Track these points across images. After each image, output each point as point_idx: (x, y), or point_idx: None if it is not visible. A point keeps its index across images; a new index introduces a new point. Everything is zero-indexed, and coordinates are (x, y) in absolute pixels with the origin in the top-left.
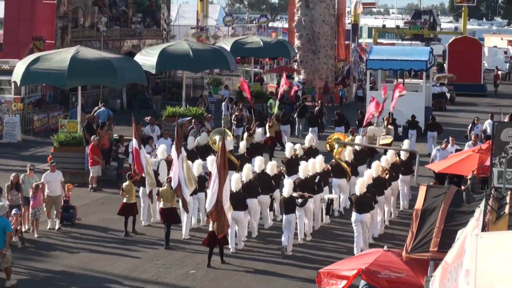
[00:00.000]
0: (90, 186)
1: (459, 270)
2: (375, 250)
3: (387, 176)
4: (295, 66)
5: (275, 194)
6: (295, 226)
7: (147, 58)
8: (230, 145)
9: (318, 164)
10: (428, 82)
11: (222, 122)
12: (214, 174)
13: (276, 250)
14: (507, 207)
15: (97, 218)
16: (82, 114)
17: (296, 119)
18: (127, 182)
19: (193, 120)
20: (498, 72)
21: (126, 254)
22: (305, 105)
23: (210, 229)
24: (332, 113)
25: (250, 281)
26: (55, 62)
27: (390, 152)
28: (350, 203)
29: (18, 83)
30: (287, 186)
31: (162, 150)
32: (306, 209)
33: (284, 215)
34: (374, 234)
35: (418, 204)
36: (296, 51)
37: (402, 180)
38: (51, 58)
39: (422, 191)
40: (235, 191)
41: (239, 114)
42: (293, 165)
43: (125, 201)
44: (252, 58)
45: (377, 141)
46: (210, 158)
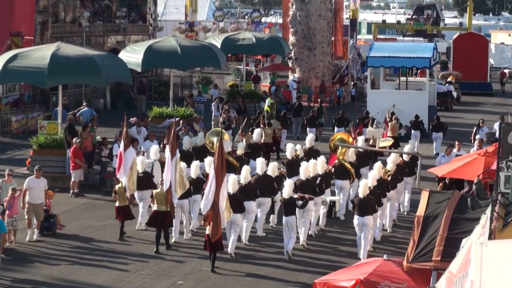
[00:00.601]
0: (71, 191)
1: (465, 281)
2: (375, 259)
3: (390, 178)
4: (290, 64)
5: (277, 197)
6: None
7: (132, 55)
8: (229, 146)
9: (319, 165)
10: (432, 80)
11: (212, 123)
12: (211, 175)
13: (273, 254)
14: None
15: (79, 225)
16: (66, 115)
17: (292, 119)
18: (120, 185)
19: (181, 121)
20: (505, 70)
21: (111, 264)
22: (300, 103)
23: (206, 232)
24: (330, 114)
25: (245, 286)
26: (34, 59)
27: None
28: (352, 206)
29: None
30: (287, 187)
31: (155, 151)
32: (307, 211)
33: (284, 217)
34: (376, 237)
35: (420, 210)
36: (290, 48)
37: (404, 181)
38: (30, 55)
39: (424, 197)
40: (232, 193)
41: (226, 116)
42: (294, 166)
43: (117, 204)
44: (244, 55)
45: (376, 143)
46: (208, 160)
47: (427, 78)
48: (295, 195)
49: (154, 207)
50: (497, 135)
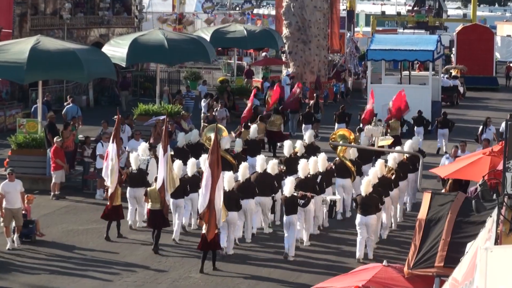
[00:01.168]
0: (52, 193)
1: None
2: (374, 265)
3: (393, 176)
4: (283, 58)
5: (277, 195)
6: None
7: (117, 49)
8: (227, 143)
9: (320, 163)
10: (437, 74)
11: (202, 122)
12: (207, 172)
13: (273, 254)
14: None
15: (60, 229)
16: (45, 113)
17: (289, 115)
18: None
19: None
20: (511, 64)
21: (94, 271)
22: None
23: (203, 231)
24: (327, 109)
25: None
26: (13, 53)
27: (397, 149)
28: (355, 204)
29: None
30: (289, 185)
31: (144, 148)
32: (307, 210)
33: (284, 216)
34: (382, 235)
35: (422, 213)
36: (284, 41)
37: (408, 179)
38: (8, 49)
39: (426, 199)
40: (228, 190)
41: (211, 115)
42: (292, 164)
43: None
44: (235, 49)
45: (375, 142)
46: (203, 157)
47: (430, 72)
48: (296, 194)
49: (148, 206)
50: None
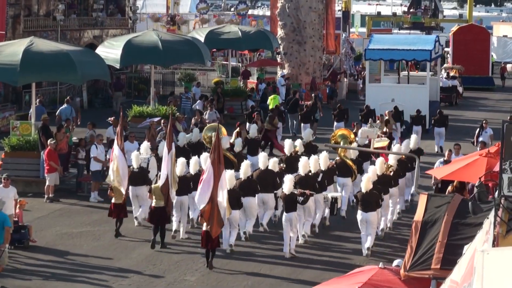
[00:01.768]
0: (46, 196)
1: None
2: (370, 268)
3: (392, 173)
4: (278, 59)
5: (278, 192)
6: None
7: (111, 51)
8: (227, 142)
9: (322, 161)
10: (435, 74)
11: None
12: (208, 170)
13: (274, 251)
14: None
15: (54, 232)
16: (44, 112)
17: (288, 115)
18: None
19: (162, 120)
20: (508, 64)
21: (88, 274)
22: (297, 99)
23: (203, 228)
24: (325, 110)
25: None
26: (6, 55)
27: (396, 147)
28: (355, 201)
29: None
30: (288, 182)
31: (145, 147)
32: (306, 207)
33: (284, 213)
34: (378, 233)
35: (418, 215)
36: (279, 42)
37: (407, 177)
38: (1, 51)
39: (422, 201)
40: (229, 189)
41: (198, 117)
42: (293, 162)
43: (113, 201)
44: (229, 50)
45: (370, 144)
46: (204, 155)
47: (428, 72)
48: (296, 191)
49: (152, 203)
50: None
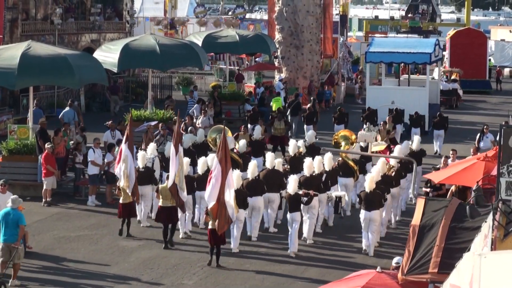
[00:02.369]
0: (43, 200)
1: None
2: (367, 272)
3: (394, 174)
4: (276, 63)
5: (283, 192)
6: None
7: (108, 55)
8: (231, 143)
9: (327, 162)
10: (436, 77)
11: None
12: (216, 169)
13: (278, 250)
14: None
15: (51, 236)
16: (42, 115)
17: (289, 118)
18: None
19: (160, 124)
20: (503, 69)
21: (85, 279)
22: (298, 102)
23: (210, 227)
24: (323, 114)
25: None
26: (3, 59)
27: (397, 148)
28: (359, 200)
29: None
30: (292, 183)
31: (152, 148)
32: (311, 208)
33: (288, 213)
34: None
35: (416, 219)
36: (277, 46)
37: (407, 178)
38: None
39: (420, 205)
40: (236, 188)
41: (189, 122)
42: (297, 163)
43: (121, 201)
44: (227, 54)
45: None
46: (211, 156)
47: (428, 75)
48: (300, 191)
49: (160, 203)
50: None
